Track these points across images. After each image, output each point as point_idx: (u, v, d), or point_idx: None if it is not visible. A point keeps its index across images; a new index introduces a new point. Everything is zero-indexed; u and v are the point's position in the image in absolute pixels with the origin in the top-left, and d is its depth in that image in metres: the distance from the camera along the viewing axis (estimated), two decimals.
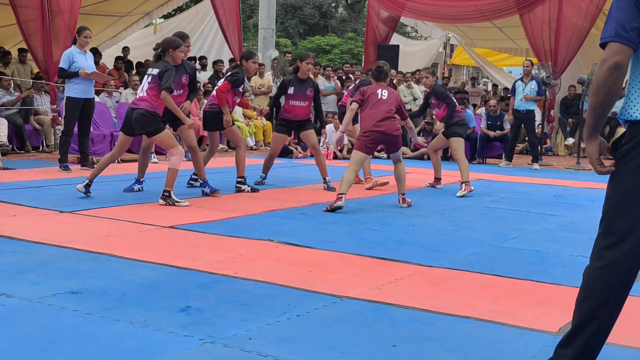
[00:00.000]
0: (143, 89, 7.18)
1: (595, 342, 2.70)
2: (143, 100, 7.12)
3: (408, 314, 3.77)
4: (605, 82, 2.58)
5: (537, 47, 15.56)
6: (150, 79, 7.13)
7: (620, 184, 2.63)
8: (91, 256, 4.79)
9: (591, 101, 2.64)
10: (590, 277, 2.68)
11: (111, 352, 3.04)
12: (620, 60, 2.55)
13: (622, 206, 2.62)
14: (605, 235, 2.67)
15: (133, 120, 7.17)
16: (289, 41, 37.75)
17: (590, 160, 2.73)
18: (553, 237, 6.06)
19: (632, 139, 2.62)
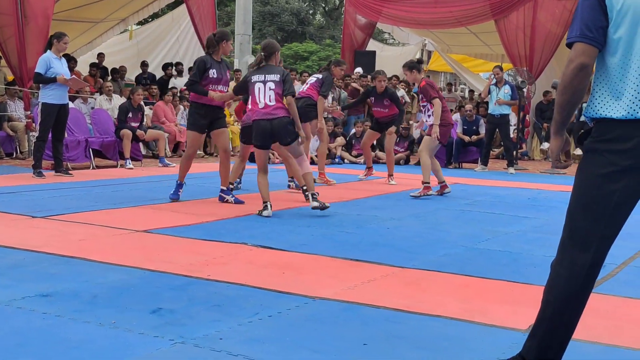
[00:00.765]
0: (269, 97, 6.85)
1: (559, 334, 2.73)
2: (279, 108, 6.87)
3: (380, 313, 3.78)
4: (571, 81, 2.62)
5: (512, 52, 15.69)
6: (274, 85, 6.89)
7: (585, 178, 2.68)
8: (63, 260, 4.76)
9: (558, 100, 2.69)
10: (556, 269, 2.73)
11: (80, 353, 3.02)
12: (586, 61, 2.60)
13: (585, 199, 2.67)
14: (569, 227, 2.72)
15: (277, 130, 6.85)
16: None
17: (552, 154, 2.84)
18: (526, 239, 6.11)
19: (598, 136, 2.65)
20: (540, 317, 2.77)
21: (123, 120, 11.85)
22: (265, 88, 6.88)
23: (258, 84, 6.92)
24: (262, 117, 6.85)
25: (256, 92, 6.91)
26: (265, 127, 6.84)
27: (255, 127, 6.90)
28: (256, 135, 6.93)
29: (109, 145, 11.81)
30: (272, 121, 6.83)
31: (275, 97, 6.87)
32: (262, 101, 6.86)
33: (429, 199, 8.58)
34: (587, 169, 2.68)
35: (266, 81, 6.92)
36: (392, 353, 3.17)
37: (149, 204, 7.43)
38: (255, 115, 6.90)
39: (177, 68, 16.68)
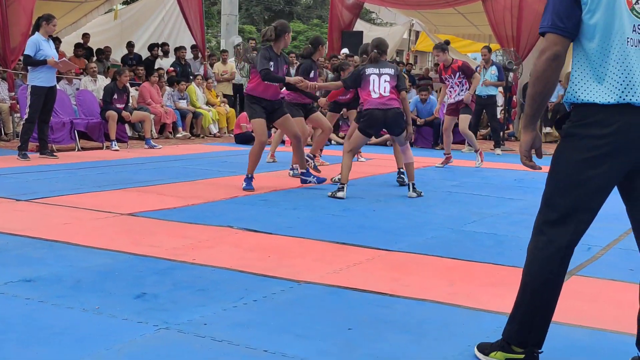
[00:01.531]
0: (383, 88, 7.07)
1: (538, 316, 2.76)
2: (392, 99, 7.10)
3: (365, 297, 3.78)
4: (544, 72, 2.60)
5: (499, 33, 15.65)
6: (389, 78, 7.13)
7: (563, 162, 2.67)
8: (46, 244, 4.72)
9: (530, 91, 2.66)
10: (532, 252, 2.74)
11: (63, 339, 3.00)
12: (559, 51, 2.58)
13: (563, 183, 2.66)
14: (546, 211, 2.71)
15: (390, 120, 7.10)
16: (254, 28, 37.53)
17: (521, 149, 2.76)
18: (512, 220, 6.12)
19: (577, 120, 2.63)
20: (519, 301, 2.80)
21: (108, 102, 11.75)
22: (380, 80, 7.15)
23: (373, 76, 7.18)
24: (376, 107, 7.09)
25: (371, 83, 7.15)
26: (379, 116, 7.10)
27: (369, 116, 7.14)
28: (369, 123, 7.16)
29: (95, 126, 11.72)
30: (386, 111, 7.08)
31: (390, 89, 7.13)
32: (377, 92, 7.12)
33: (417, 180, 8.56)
34: (565, 153, 2.66)
35: (381, 74, 7.17)
36: (378, 337, 3.17)
37: (134, 187, 7.39)
38: (369, 104, 7.14)
39: (163, 49, 16.55)
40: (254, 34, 33.93)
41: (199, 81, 15.18)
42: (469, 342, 3.12)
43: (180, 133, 14.15)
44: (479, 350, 2.97)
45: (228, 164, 9.77)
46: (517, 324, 2.79)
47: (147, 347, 2.96)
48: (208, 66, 16.44)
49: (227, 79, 16.33)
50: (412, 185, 7.36)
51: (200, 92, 15.10)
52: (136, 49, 16.57)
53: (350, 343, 3.09)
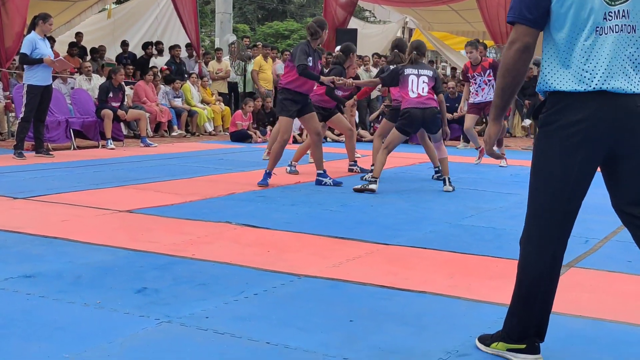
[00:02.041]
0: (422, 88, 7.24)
1: (537, 310, 2.76)
2: (430, 99, 7.29)
3: (365, 290, 3.79)
4: (514, 64, 2.59)
5: (493, 29, 15.69)
6: (427, 79, 7.31)
7: (542, 154, 2.66)
8: (45, 241, 4.72)
9: (499, 83, 2.65)
10: (524, 247, 2.75)
11: (65, 334, 3.00)
12: (528, 43, 2.57)
13: (544, 175, 2.66)
14: (532, 205, 2.72)
15: (428, 119, 7.27)
16: (247, 27, 37.49)
17: (490, 140, 2.77)
18: (509, 215, 6.14)
19: (550, 108, 2.63)
20: (516, 296, 2.80)
21: (104, 100, 11.74)
22: (419, 81, 7.32)
23: (412, 76, 7.34)
24: (415, 106, 7.26)
25: (410, 82, 7.31)
26: (417, 115, 7.25)
27: (408, 115, 7.28)
28: (408, 122, 7.30)
29: (90, 125, 11.70)
30: (424, 110, 7.24)
31: (428, 90, 7.31)
32: (416, 92, 7.28)
33: (414, 176, 8.60)
34: (543, 144, 2.66)
35: (420, 75, 7.36)
36: (378, 329, 3.18)
37: (131, 184, 7.39)
38: (408, 104, 7.29)
39: (157, 47, 16.53)
40: (247, 32, 33.90)
41: (193, 79, 15.17)
42: (470, 334, 3.13)
43: (175, 131, 14.14)
44: (480, 341, 2.99)
45: (224, 162, 9.78)
46: (517, 319, 2.81)
47: (149, 340, 2.97)
48: (203, 64, 16.43)
49: (221, 77, 16.31)
50: (447, 180, 7.54)
51: (195, 91, 15.09)
52: (129, 48, 16.55)
53: (351, 335, 3.10)
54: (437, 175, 8.31)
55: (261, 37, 33.69)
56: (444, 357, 2.87)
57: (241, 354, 2.84)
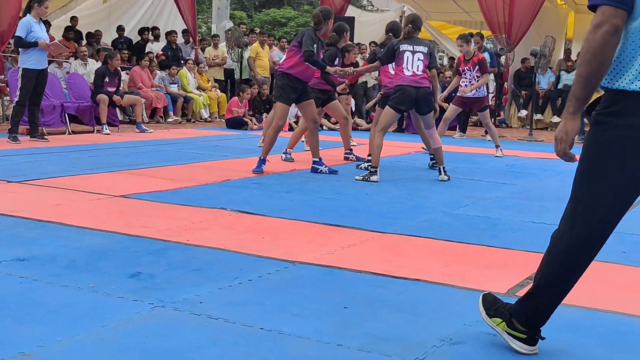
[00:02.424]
0: (417, 67, 7.11)
1: (551, 304, 2.72)
2: (424, 78, 7.19)
3: (360, 277, 3.78)
4: (601, 48, 2.31)
5: (491, 19, 15.63)
6: (422, 57, 7.16)
7: (595, 152, 2.46)
8: (39, 224, 4.70)
9: (583, 71, 2.36)
10: (557, 244, 2.61)
11: (58, 317, 2.99)
12: (618, 25, 2.30)
13: (596, 174, 2.47)
14: (576, 203, 2.54)
15: (421, 98, 7.16)
16: (244, 14, 37.36)
17: (565, 137, 2.47)
18: (504, 204, 6.14)
19: (606, 107, 2.43)
20: (535, 288, 2.69)
21: (99, 85, 11.69)
22: (414, 58, 7.17)
23: (407, 53, 7.17)
24: (409, 84, 7.14)
25: (405, 59, 7.15)
26: (411, 93, 7.13)
27: (402, 92, 7.16)
28: (402, 100, 7.17)
29: (85, 110, 11.65)
30: (418, 89, 7.14)
31: (423, 68, 7.18)
32: (411, 69, 7.15)
33: (409, 165, 8.59)
34: (595, 142, 2.46)
35: (415, 51, 7.19)
36: (373, 316, 3.17)
37: (126, 170, 7.36)
38: (402, 81, 7.16)
39: (153, 33, 16.46)
40: (244, 19, 33.77)
41: (190, 66, 15.11)
42: (464, 322, 3.13)
43: (171, 117, 14.10)
44: (483, 304, 2.92)
45: (220, 148, 9.75)
46: (527, 307, 2.73)
47: (143, 324, 2.96)
48: (199, 51, 16.37)
49: (218, 64, 16.26)
50: (442, 169, 7.45)
51: (192, 77, 15.04)
52: (125, 33, 16.47)
53: (345, 322, 3.09)
54: (432, 162, 8.29)
55: (258, 24, 33.55)
56: (438, 344, 2.87)
57: (235, 339, 2.83)
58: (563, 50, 18.20)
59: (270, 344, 2.80)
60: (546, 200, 6.38)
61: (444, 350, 2.82)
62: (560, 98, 15.69)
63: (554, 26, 17.32)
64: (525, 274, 3.93)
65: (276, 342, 2.82)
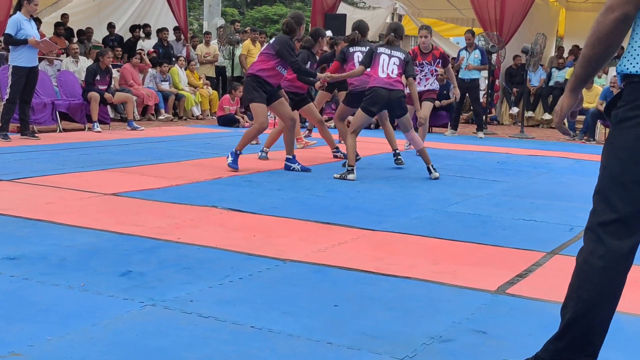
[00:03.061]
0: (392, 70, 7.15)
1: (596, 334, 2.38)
2: (398, 82, 7.22)
3: (350, 275, 3.79)
4: (609, 34, 2.22)
5: (482, 17, 15.66)
6: (398, 62, 7.21)
7: (619, 152, 2.26)
8: (30, 223, 4.70)
9: (587, 52, 2.30)
10: (588, 261, 2.32)
11: (49, 316, 2.99)
12: (629, 12, 2.20)
13: (620, 178, 2.26)
14: (601, 210, 2.30)
15: (395, 102, 7.18)
16: (236, 11, 37.30)
17: (561, 111, 2.47)
18: (495, 202, 6.16)
19: (633, 100, 2.24)
20: (572, 317, 2.35)
21: (91, 83, 11.66)
22: (390, 62, 7.24)
23: (384, 55, 7.27)
24: (382, 86, 7.18)
25: (381, 62, 7.23)
26: (383, 95, 7.17)
27: (374, 94, 7.21)
28: (372, 101, 7.22)
29: (76, 108, 11.62)
30: (391, 92, 7.17)
31: (398, 72, 7.24)
32: (385, 72, 7.21)
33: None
34: (619, 141, 2.26)
35: (392, 56, 7.27)
36: (363, 314, 3.19)
37: (117, 167, 7.35)
38: (376, 82, 7.21)
39: (144, 30, 16.42)
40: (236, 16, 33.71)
41: (181, 63, 15.08)
42: (454, 319, 3.15)
43: (162, 115, 14.07)
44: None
45: (211, 146, 9.74)
46: (567, 341, 2.39)
47: (133, 322, 2.96)
48: (191, 48, 16.34)
49: (209, 61, 16.24)
50: (431, 168, 7.46)
51: (183, 74, 15.01)
52: (116, 30, 16.42)
53: (336, 319, 3.10)
54: (395, 159, 8.35)
55: (250, 21, 33.53)
56: (428, 342, 2.88)
57: (225, 338, 2.84)
58: (554, 48, 18.25)
59: (261, 343, 2.81)
60: (537, 198, 6.41)
61: (434, 348, 2.83)
62: (552, 95, 15.73)
63: (545, 23, 17.37)
64: (516, 272, 3.95)
65: (266, 341, 2.83)
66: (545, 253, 4.40)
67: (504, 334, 3.01)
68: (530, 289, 3.65)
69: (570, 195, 6.64)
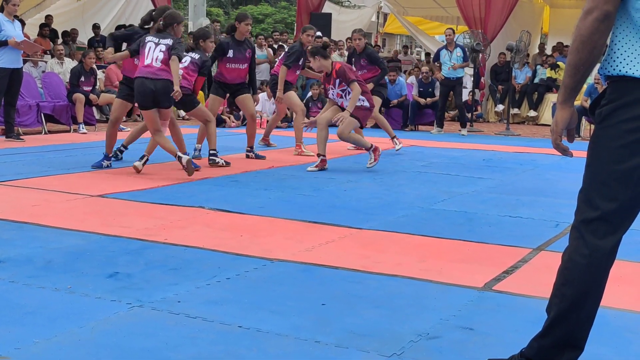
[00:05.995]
0: (156, 58, 6.79)
1: (581, 331, 2.40)
2: (164, 70, 6.81)
3: (337, 273, 3.80)
4: (591, 35, 2.19)
5: (467, 15, 15.73)
6: (165, 48, 6.83)
7: (602, 151, 2.27)
8: (15, 225, 4.68)
9: (572, 59, 2.25)
10: (572, 259, 2.34)
11: (35, 318, 2.98)
12: (609, 11, 2.18)
13: (602, 177, 2.27)
14: (584, 209, 2.32)
15: (160, 91, 6.78)
16: (221, 10, 37.26)
17: (555, 128, 2.34)
18: (481, 199, 6.18)
19: (615, 99, 2.24)
20: (556, 315, 2.38)
21: (75, 84, 11.60)
22: (156, 49, 6.86)
23: (150, 43, 6.92)
24: (145, 76, 6.80)
25: (146, 51, 6.89)
26: (149, 86, 6.78)
27: (138, 86, 6.85)
28: (138, 95, 6.91)
29: (61, 109, 11.56)
30: (155, 82, 6.80)
31: (163, 60, 6.82)
32: (149, 61, 6.84)
33: (387, 161, 8.62)
34: (601, 140, 2.26)
35: (159, 43, 6.90)
36: (351, 312, 3.19)
37: (103, 169, 7.32)
38: (139, 72, 6.87)
39: None
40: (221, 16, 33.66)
41: None
42: (441, 316, 3.16)
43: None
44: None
45: None
46: (551, 338, 2.41)
47: (121, 324, 2.96)
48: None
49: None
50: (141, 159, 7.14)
51: None
52: (101, 31, 16.34)
53: (324, 318, 3.11)
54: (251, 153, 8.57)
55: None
56: (415, 339, 2.89)
57: (213, 338, 2.84)
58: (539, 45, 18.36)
59: (249, 342, 2.81)
60: (522, 194, 6.44)
61: (421, 345, 2.84)
62: (537, 92, 15.82)
63: (529, 21, 17.46)
64: (502, 268, 3.97)
65: (254, 340, 2.83)
66: (531, 249, 4.42)
67: (491, 331, 3.03)
68: (516, 286, 3.67)
69: (555, 191, 6.68)
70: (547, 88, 15.69)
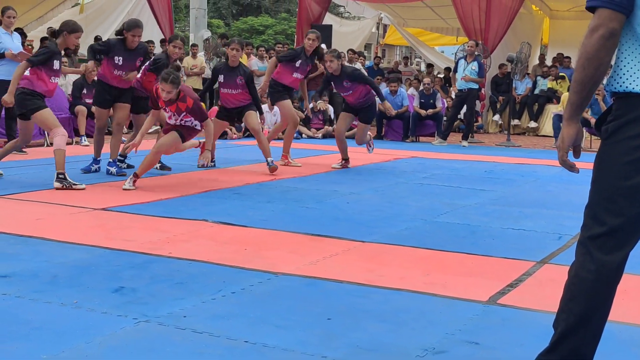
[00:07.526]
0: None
1: (588, 347, 2.40)
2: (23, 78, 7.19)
3: (342, 287, 3.81)
4: (597, 52, 2.22)
5: (467, 26, 15.78)
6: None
7: (608, 167, 2.28)
8: (20, 240, 4.68)
9: (578, 76, 2.27)
10: (579, 274, 2.36)
11: (42, 334, 2.99)
12: (614, 29, 2.21)
13: (608, 193, 2.29)
14: (591, 224, 2.34)
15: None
16: (221, 22, 37.36)
17: (562, 145, 2.35)
18: (483, 211, 6.20)
19: (622, 115, 2.26)
20: (564, 330, 2.38)
21: (78, 97, 11.64)
22: None
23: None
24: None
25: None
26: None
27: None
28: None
29: (64, 122, 11.52)
30: None
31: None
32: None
33: (388, 173, 8.65)
34: (608, 156, 2.28)
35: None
36: (356, 327, 3.20)
37: (106, 182, 7.35)
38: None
39: None
40: (222, 28, 33.77)
41: None
42: (446, 331, 3.17)
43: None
44: None
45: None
46: (559, 354, 2.41)
47: (128, 339, 2.96)
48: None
49: (196, 73, 16.22)
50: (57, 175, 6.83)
51: None
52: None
53: (329, 333, 3.12)
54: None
55: (236, 32, 33.60)
56: (421, 354, 2.90)
57: (219, 353, 2.85)
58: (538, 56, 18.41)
59: (255, 357, 2.82)
60: (525, 207, 6.45)
61: None
62: (537, 103, 15.85)
63: (529, 32, 17.53)
64: (506, 282, 3.98)
65: (261, 355, 2.84)
66: (535, 262, 4.43)
67: (497, 345, 3.04)
68: (521, 299, 3.68)
69: (557, 203, 6.70)
70: (548, 99, 15.73)
